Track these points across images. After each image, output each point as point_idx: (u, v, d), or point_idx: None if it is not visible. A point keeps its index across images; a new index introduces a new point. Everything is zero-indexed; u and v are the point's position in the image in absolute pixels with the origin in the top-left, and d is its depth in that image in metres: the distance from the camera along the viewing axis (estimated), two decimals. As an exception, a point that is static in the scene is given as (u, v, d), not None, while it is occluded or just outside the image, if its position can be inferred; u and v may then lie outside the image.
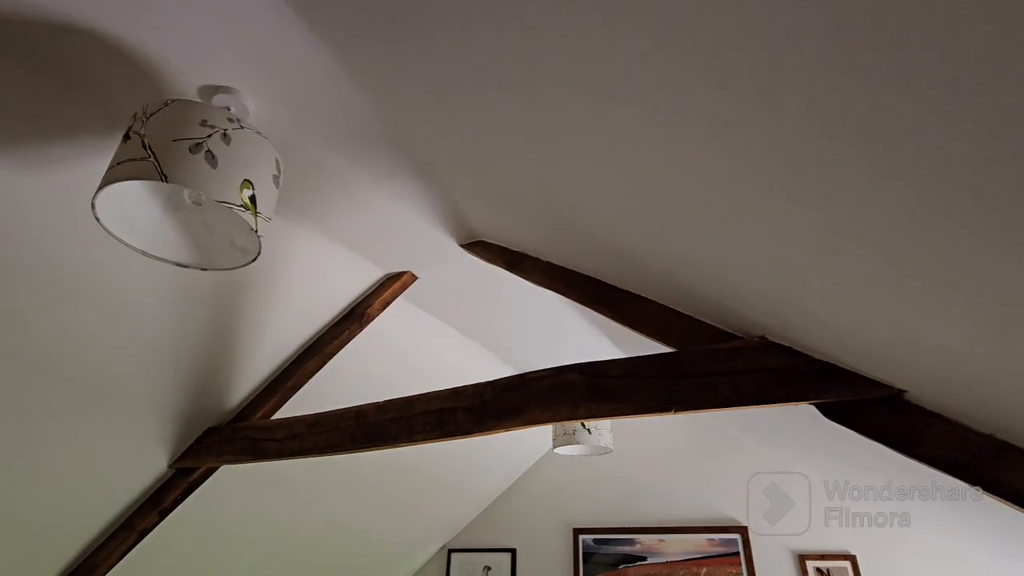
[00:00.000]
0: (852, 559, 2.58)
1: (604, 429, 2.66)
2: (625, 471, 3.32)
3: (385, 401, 1.67)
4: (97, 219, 1.08)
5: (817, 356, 1.08)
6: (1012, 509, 0.93)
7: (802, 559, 2.68)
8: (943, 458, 0.96)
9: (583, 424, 2.64)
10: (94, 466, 1.98)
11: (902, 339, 0.91)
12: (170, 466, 2.09)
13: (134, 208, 1.20)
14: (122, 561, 2.20)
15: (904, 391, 1.00)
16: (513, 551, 3.49)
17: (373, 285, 2.05)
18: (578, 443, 2.61)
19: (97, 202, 1.06)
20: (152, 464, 2.08)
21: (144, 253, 1.20)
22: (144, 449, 2.03)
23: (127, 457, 2.02)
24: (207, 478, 2.13)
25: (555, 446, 2.70)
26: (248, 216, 1.11)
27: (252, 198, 1.12)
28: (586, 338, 2.27)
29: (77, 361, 1.70)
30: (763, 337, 1.16)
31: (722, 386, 1.15)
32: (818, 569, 2.65)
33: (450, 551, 3.70)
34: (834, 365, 1.06)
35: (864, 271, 0.78)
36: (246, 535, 2.60)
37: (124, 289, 1.64)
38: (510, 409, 1.41)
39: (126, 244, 1.16)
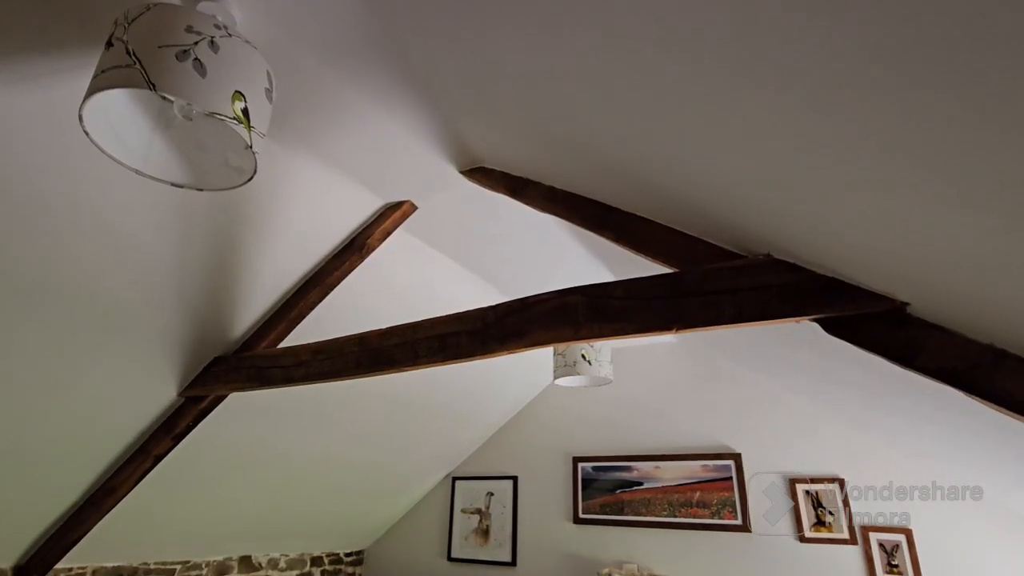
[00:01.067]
0: (840, 482, 2.70)
1: (604, 360, 2.71)
2: (623, 402, 3.41)
3: (389, 327, 1.69)
4: (86, 133, 1.04)
5: (821, 271, 1.07)
6: (1007, 416, 0.95)
7: (792, 483, 2.80)
8: (941, 368, 0.97)
9: (583, 356, 2.68)
10: (107, 395, 2.03)
11: (908, 248, 0.90)
12: (179, 394, 2.14)
13: (123, 124, 1.16)
14: (140, 484, 2.30)
15: (907, 304, 1.00)
16: (515, 478, 3.64)
17: (373, 215, 2.02)
18: (578, 374, 2.67)
19: (84, 114, 1.02)
20: (162, 393, 2.13)
21: (138, 172, 1.17)
22: (153, 378, 2.07)
23: (137, 386, 2.06)
24: (216, 406, 2.19)
25: (556, 377, 2.75)
26: (242, 130, 1.07)
27: (245, 111, 1.08)
28: (585, 268, 2.27)
29: (78, 290, 1.70)
30: (768, 255, 1.15)
31: (724, 304, 1.16)
32: (807, 492, 2.77)
33: (454, 479, 3.86)
34: (838, 280, 1.06)
35: (877, 172, 0.76)
36: (256, 462, 2.70)
37: (121, 218, 1.62)
38: (512, 332, 1.42)
39: (118, 161, 1.13)
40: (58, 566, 2.48)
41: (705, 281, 1.19)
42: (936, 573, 2.41)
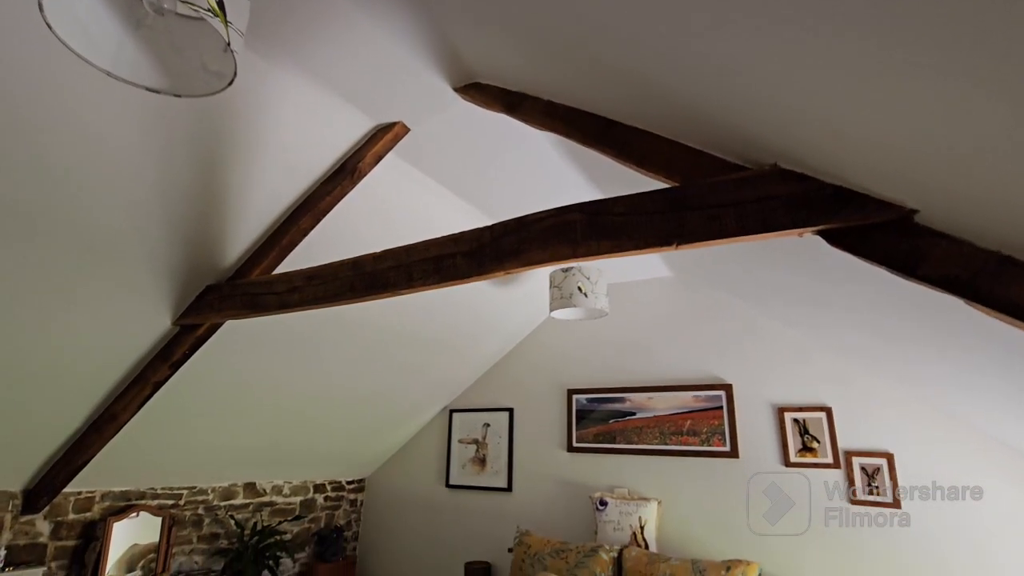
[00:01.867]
0: (827, 410, 2.77)
1: (600, 292, 2.71)
2: (618, 336, 3.44)
3: (382, 251, 1.65)
4: (48, 25, 0.97)
5: (829, 180, 1.04)
6: (1006, 323, 0.95)
7: (780, 411, 2.88)
8: (944, 277, 0.96)
9: (580, 288, 2.68)
10: (101, 323, 2.02)
11: (926, 147, 0.86)
12: (174, 323, 2.14)
13: (92, 19, 1.07)
14: (141, 411, 2.33)
15: (916, 211, 0.97)
16: (511, 410, 3.73)
17: (364, 137, 1.94)
18: (574, 306, 2.68)
19: (45, 2, 0.94)
20: (156, 321, 2.12)
21: (108, 74, 1.10)
22: (146, 306, 2.06)
23: (131, 314, 2.05)
24: (212, 334, 2.18)
25: (552, 310, 2.76)
26: (218, 24, 0.99)
27: (220, 3, 1.00)
28: (580, 194, 2.21)
29: (61, 214, 1.65)
30: (775, 165, 1.11)
31: (727, 218, 1.13)
32: (795, 420, 2.85)
33: (452, 411, 3.95)
34: (846, 189, 1.02)
35: (895, 54, 0.70)
36: (256, 391, 2.73)
37: (104, 138, 1.55)
38: (509, 252, 1.39)
39: (86, 60, 1.06)
40: (66, 489, 2.56)
41: (708, 194, 1.16)
42: (915, 495, 2.51)
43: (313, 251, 2.08)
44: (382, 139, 1.92)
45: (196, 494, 3.11)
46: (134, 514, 2.78)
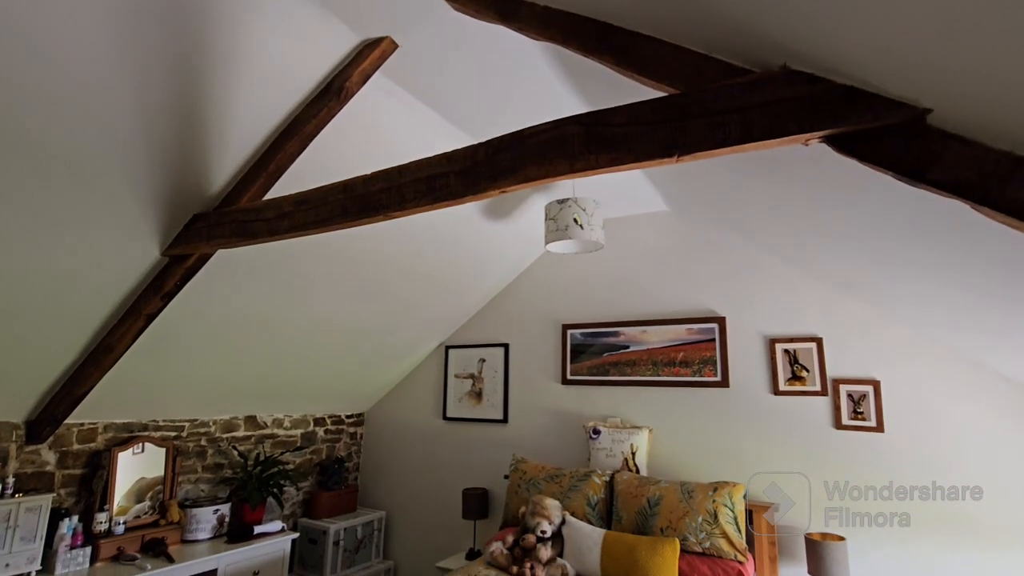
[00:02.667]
0: (818, 341, 2.82)
1: (596, 225, 2.67)
2: (613, 271, 3.44)
3: (374, 172, 1.60)
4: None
5: (840, 80, 0.99)
6: (1013, 228, 0.93)
7: (772, 342, 2.92)
8: (954, 180, 0.93)
9: (575, 220, 2.64)
10: (88, 254, 1.98)
11: (944, 40, 0.81)
12: (163, 254, 2.09)
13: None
14: (136, 343, 2.33)
15: (928, 111, 0.93)
16: (506, 345, 3.77)
17: (350, 54, 1.84)
18: (570, 239, 2.64)
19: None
20: (145, 252, 2.07)
21: None
22: (134, 237, 2.01)
23: (118, 245, 2.00)
24: (203, 265, 2.15)
25: (547, 243, 2.73)
26: None
27: None
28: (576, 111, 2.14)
29: (36, 139, 1.57)
30: (784, 66, 1.05)
31: (731, 125, 1.08)
32: (785, 351, 2.90)
33: (448, 347, 4.00)
34: (857, 89, 0.98)
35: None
36: (249, 324, 2.73)
37: (73, 58, 1.45)
38: (504, 169, 1.35)
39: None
40: (69, 421, 2.59)
41: (712, 100, 1.10)
42: (897, 418, 2.60)
43: (301, 178, 2.02)
44: (369, 56, 1.82)
45: (198, 426, 3.18)
46: (138, 446, 2.84)
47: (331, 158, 2.05)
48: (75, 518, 2.48)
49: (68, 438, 2.61)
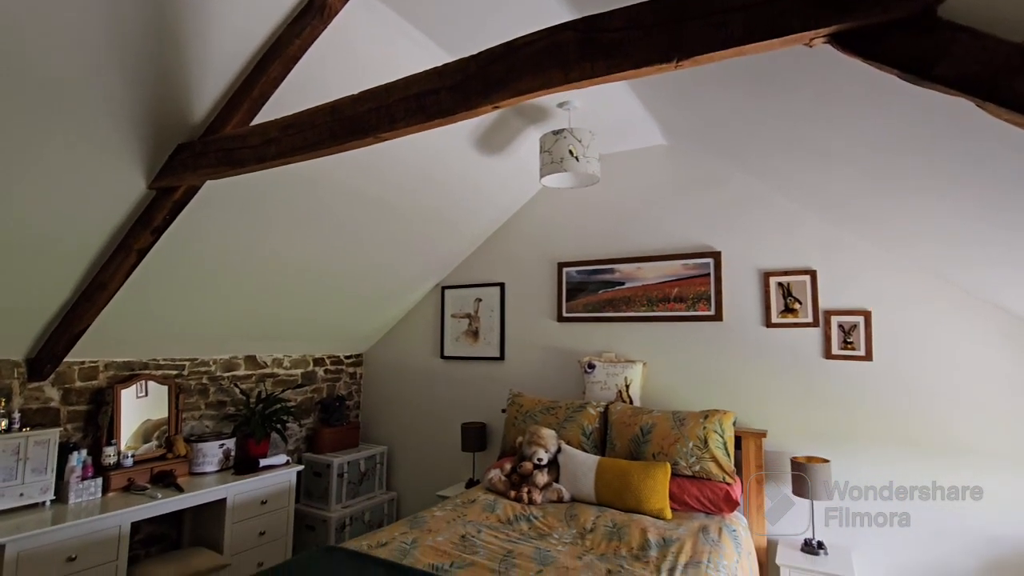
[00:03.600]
0: (812, 273, 2.83)
1: (592, 156, 2.62)
2: (608, 208, 3.40)
3: (361, 92, 1.54)
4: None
5: (850, -30, 0.94)
6: (1017, 127, 0.91)
7: (766, 276, 2.93)
8: (961, 75, 0.90)
9: (571, 151, 2.58)
10: (75, 190, 1.93)
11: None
12: (149, 187, 2.05)
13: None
14: (129, 280, 2.32)
15: (939, 1, 0.89)
16: (502, 285, 3.78)
17: (331, -33, 1.73)
18: (565, 171, 2.60)
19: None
20: (131, 185, 2.02)
21: None
22: (119, 170, 1.95)
23: (103, 178, 1.95)
24: (191, 198, 2.11)
25: (542, 176, 2.68)
26: None
27: None
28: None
29: (6, 66, 1.50)
30: (790, -43, 0.99)
31: (733, 24, 1.03)
32: (779, 284, 2.92)
33: (444, 288, 4.01)
34: (867, -21, 0.93)
35: None
36: (245, 262, 2.71)
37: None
38: (497, 81, 1.30)
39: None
40: (70, 359, 2.62)
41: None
42: (886, 347, 2.65)
43: (286, 105, 1.94)
44: (352, -32, 1.71)
45: (198, 366, 3.22)
46: (140, 385, 2.88)
47: (316, 83, 1.97)
48: (84, 451, 2.54)
49: (70, 376, 2.65)
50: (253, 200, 2.39)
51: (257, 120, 1.96)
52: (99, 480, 2.54)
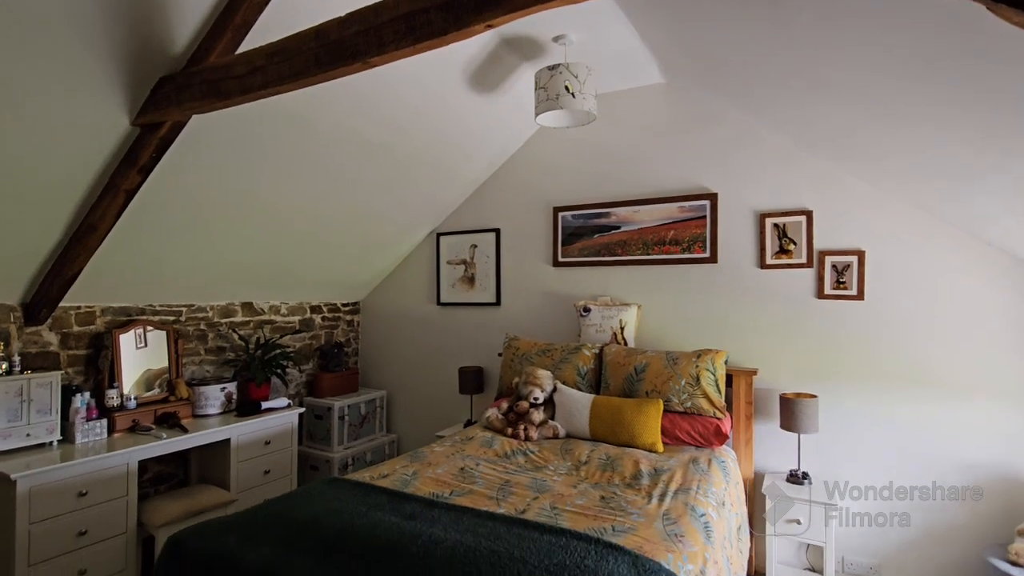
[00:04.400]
0: (808, 214, 2.82)
1: (588, 93, 2.55)
2: (605, 150, 3.35)
3: (348, 14, 1.48)
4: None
5: None
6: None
7: (762, 217, 2.92)
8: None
9: (567, 87, 2.51)
10: (57, 127, 1.88)
11: None
12: (133, 123, 1.99)
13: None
14: (119, 222, 2.29)
15: None
16: (497, 231, 3.76)
17: None
18: (560, 108, 2.53)
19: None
20: (114, 121, 1.96)
21: None
22: (100, 105, 1.89)
23: (86, 115, 1.89)
24: (177, 135, 2.05)
25: (537, 114, 2.62)
26: None
27: None
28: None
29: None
30: None
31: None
32: (775, 225, 2.91)
33: (439, 235, 3.99)
34: None
35: None
36: (235, 206, 2.68)
37: None
38: (489, -2, 1.24)
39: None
40: (66, 304, 2.62)
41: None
42: (878, 286, 2.68)
43: (271, 32, 1.86)
44: None
45: (195, 311, 3.23)
46: (139, 332, 2.89)
47: (302, 6, 1.88)
48: (87, 394, 2.58)
49: (67, 320, 2.65)
50: (243, 140, 2.33)
51: (241, 49, 1.88)
52: (104, 421, 2.59)
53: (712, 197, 3.05)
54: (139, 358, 2.89)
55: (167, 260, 2.75)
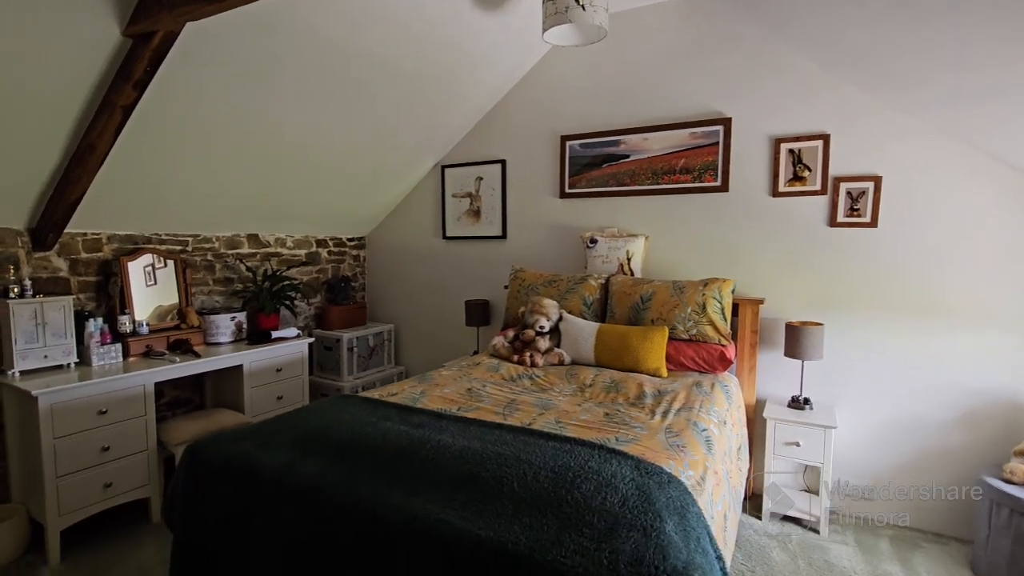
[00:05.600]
0: (825, 138, 2.72)
1: (599, 6, 2.41)
2: (615, 75, 3.21)
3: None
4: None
5: None
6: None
7: (777, 142, 2.83)
8: None
9: (577, -1, 2.38)
10: (45, 40, 1.80)
11: None
12: (124, 33, 1.91)
13: None
14: (118, 142, 2.25)
15: None
16: (503, 162, 3.68)
17: None
18: (569, 22, 2.41)
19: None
20: (104, 31, 1.89)
21: None
22: (88, 14, 1.81)
23: (74, 25, 1.81)
24: (170, 46, 1.97)
25: (545, 30, 2.49)
26: None
27: None
28: None
29: None
30: None
31: None
32: (790, 151, 2.82)
33: (443, 167, 3.91)
34: None
35: None
36: (235, 127, 2.61)
37: None
38: None
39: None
40: (72, 230, 2.62)
41: None
42: (893, 213, 2.62)
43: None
44: None
45: (201, 242, 3.23)
46: (147, 264, 2.90)
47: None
48: (100, 320, 2.62)
49: (74, 247, 2.66)
50: (242, 56, 2.25)
51: (232, -50, 1.77)
52: (118, 346, 2.64)
53: (726, 122, 2.95)
54: (150, 296, 2.91)
55: (170, 187, 2.73)
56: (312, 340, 3.47)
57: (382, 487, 1.37)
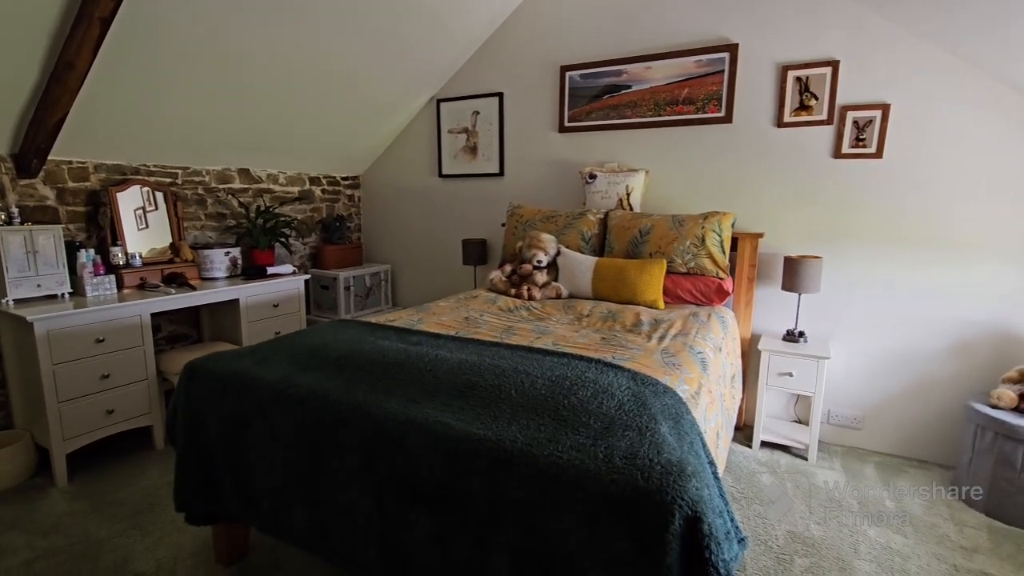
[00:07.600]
0: (834, 64, 2.62)
1: (603, -86, 2.27)
2: (617, 1, 3.07)
3: None
4: None
5: None
6: None
7: (784, 70, 2.73)
8: None
9: (579, -94, 2.23)
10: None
11: None
12: (97, -67, 1.79)
13: None
14: (98, 60, 2.15)
15: None
16: (500, 95, 3.56)
17: None
18: (572, -67, 2.27)
19: None
20: (74, -69, 1.77)
21: None
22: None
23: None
24: (147, -51, 1.86)
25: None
26: None
27: None
28: None
29: None
30: None
31: None
32: (797, 78, 2.72)
33: (439, 101, 3.79)
34: None
35: None
36: (218, 48, 2.50)
37: None
38: None
39: None
40: (57, 157, 2.54)
41: None
42: (900, 143, 2.56)
43: None
44: None
45: (191, 175, 3.15)
46: (133, 189, 2.82)
47: None
48: (92, 250, 2.59)
49: (60, 175, 2.59)
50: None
51: None
52: (112, 277, 2.61)
53: (732, 48, 2.84)
54: (142, 238, 2.85)
55: (155, 112, 2.63)
56: (308, 277, 3.45)
57: (380, 395, 1.38)
